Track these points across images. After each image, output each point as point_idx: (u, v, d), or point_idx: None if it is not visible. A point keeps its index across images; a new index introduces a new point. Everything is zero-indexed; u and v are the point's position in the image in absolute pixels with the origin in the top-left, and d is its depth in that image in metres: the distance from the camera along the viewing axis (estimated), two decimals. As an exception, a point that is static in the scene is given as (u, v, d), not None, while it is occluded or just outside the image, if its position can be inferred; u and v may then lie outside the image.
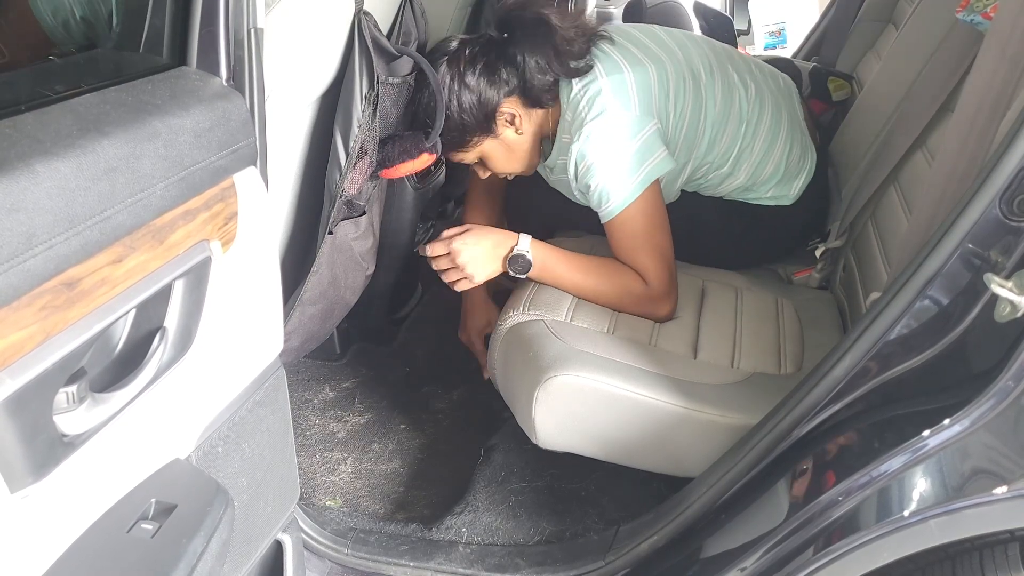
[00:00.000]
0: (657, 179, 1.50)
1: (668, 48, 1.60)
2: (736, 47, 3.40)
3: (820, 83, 2.08)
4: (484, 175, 1.69)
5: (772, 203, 1.71)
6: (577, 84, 1.51)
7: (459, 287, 1.56)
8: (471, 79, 1.51)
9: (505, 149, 1.60)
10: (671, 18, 3.48)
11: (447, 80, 1.50)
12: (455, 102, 1.51)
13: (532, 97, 1.53)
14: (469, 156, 1.62)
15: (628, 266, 1.53)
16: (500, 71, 1.51)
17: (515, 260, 1.51)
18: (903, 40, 1.83)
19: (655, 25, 1.71)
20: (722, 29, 3.10)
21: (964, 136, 1.10)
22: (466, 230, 1.54)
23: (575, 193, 1.60)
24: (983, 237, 0.96)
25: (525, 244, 1.52)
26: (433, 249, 1.54)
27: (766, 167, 1.66)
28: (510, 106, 1.54)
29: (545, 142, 1.63)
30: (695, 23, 3.29)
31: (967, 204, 0.96)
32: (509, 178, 1.73)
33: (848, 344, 1.08)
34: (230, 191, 0.91)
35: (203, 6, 0.91)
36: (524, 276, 1.53)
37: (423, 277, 2.13)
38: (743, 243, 1.73)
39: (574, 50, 1.50)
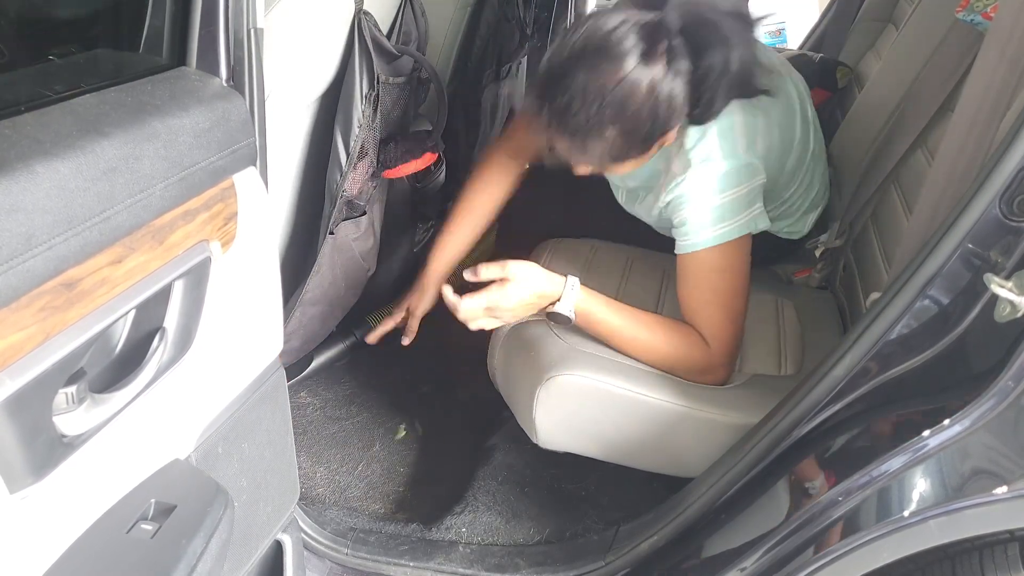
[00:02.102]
0: (748, 235, 1.34)
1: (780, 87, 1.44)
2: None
3: (830, 72, 2.09)
4: (583, 174, 1.37)
5: (784, 237, 1.67)
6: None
7: (487, 326, 1.37)
8: (667, 85, 1.19)
9: (640, 161, 1.32)
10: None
11: (640, 82, 1.17)
12: (645, 109, 1.19)
13: (704, 114, 1.26)
14: (598, 169, 1.34)
15: (690, 317, 1.36)
16: (684, 78, 1.20)
17: (554, 316, 1.35)
18: (903, 40, 1.83)
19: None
20: None
21: (964, 136, 1.10)
22: (507, 283, 1.31)
23: (658, 219, 1.46)
24: (983, 237, 0.96)
25: (568, 301, 1.33)
26: (471, 308, 1.33)
27: (794, 206, 1.60)
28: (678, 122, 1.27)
29: None
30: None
31: (967, 204, 0.96)
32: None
33: (848, 344, 1.08)
34: (230, 191, 0.91)
35: (203, 6, 0.91)
36: (564, 319, 1.36)
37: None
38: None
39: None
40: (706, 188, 1.31)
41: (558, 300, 1.34)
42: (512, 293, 1.31)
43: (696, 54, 1.19)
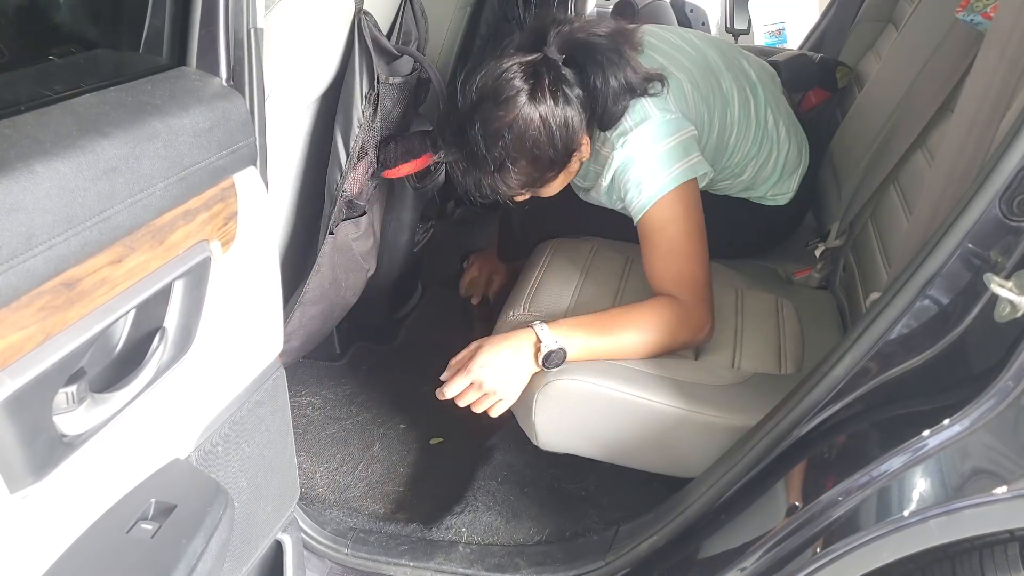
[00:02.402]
0: (694, 180, 1.42)
1: (689, 54, 1.57)
2: (709, 33, 3.42)
3: (830, 72, 2.09)
4: (523, 200, 1.51)
5: (771, 203, 1.73)
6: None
7: (497, 411, 1.38)
8: (559, 113, 1.34)
9: (565, 176, 1.46)
10: (661, 18, 3.49)
11: (532, 117, 1.32)
12: (543, 138, 1.34)
13: (606, 122, 1.41)
14: (530, 193, 1.46)
15: (657, 281, 1.42)
16: (575, 101, 1.36)
17: (548, 358, 1.34)
18: (903, 40, 1.83)
19: (671, 27, 1.71)
20: (697, 22, 3.12)
21: (964, 136, 1.10)
22: (474, 350, 1.36)
23: (612, 201, 1.52)
24: (983, 237, 0.96)
25: (548, 337, 1.34)
26: (453, 388, 1.36)
27: (767, 167, 1.68)
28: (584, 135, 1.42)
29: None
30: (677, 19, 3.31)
31: (967, 204, 0.96)
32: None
33: (848, 344, 1.08)
34: (230, 191, 0.91)
35: (203, 6, 0.91)
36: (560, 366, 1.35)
37: (423, 277, 2.13)
38: (741, 234, 1.74)
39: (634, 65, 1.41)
40: (638, 150, 1.40)
41: (539, 343, 1.34)
42: (485, 356, 1.34)
43: (580, 78, 1.36)
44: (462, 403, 1.38)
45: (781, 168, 1.70)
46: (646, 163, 1.40)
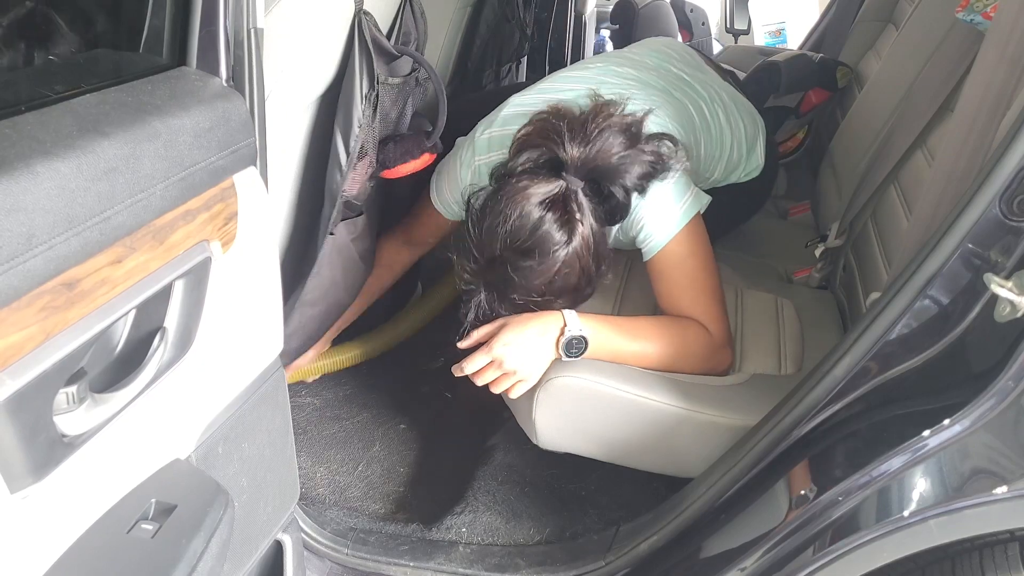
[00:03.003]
0: (699, 215, 1.40)
1: (658, 84, 1.58)
2: (710, 38, 3.44)
3: (829, 72, 2.10)
4: None
5: (747, 179, 1.76)
6: None
7: (516, 392, 1.34)
8: (595, 237, 1.29)
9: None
10: (661, 18, 3.50)
11: (574, 260, 1.27)
12: (586, 266, 1.29)
13: (612, 219, 1.36)
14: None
15: (684, 314, 1.39)
16: (601, 215, 1.32)
17: (569, 345, 1.31)
18: (903, 40, 1.83)
19: (630, 47, 1.74)
20: (697, 22, 3.13)
21: (964, 136, 1.11)
22: (501, 326, 1.32)
23: (621, 241, 1.48)
24: (983, 237, 0.96)
25: (575, 323, 1.32)
26: (473, 364, 1.32)
27: (732, 157, 1.69)
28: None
29: None
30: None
31: (967, 204, 0.96)
32: None
33: (848, 344, 1.08)
34: (230, 191, 0.91)
35: (203, 6, 0.91)
36: (580, 353, 1.33)
37: (423, 277, 2.13)
38: (728, 211, 1.74)
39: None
40: (649, 196, 1.35)
41: (564, 327, 1.31)
42: (509, 335, 1.30)
43: (600, 196, 1.30)
44: (480, 381, 1.33)
45: (745, 149, 1.72)
46: (656, 201, 1.37)
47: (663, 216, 1.37)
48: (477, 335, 1.34)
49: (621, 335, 1.35)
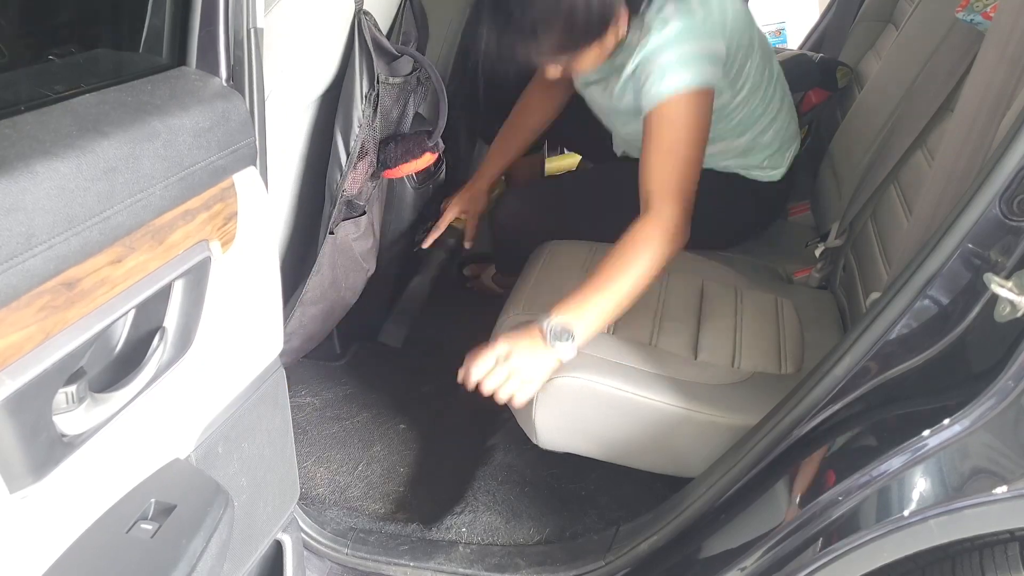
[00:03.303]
0: (711, 90, 1.44)
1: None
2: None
3: (830, 72, 2.10)
4: (555, 75, 1.55)
5: (763, 177, 1.76)
6: None
7: (523, 396, 1.32)
8: None
9: (599, 51, 1.47)
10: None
11: None
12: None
13: (636, 6, 1.45)
14: (563, 65, 1.49)
15: (646, 177, 1.42)
16: None
17: (555, 332, 1.30)
18: (903, 40, 1.83)
19: None
20: None
21: (964, 136, 1.10)
22: (493, 344, 1.33)
23: (624, 92, 1.53)
24: (983, 237, 0.96)
25: (549, 317, 1.33)
26: (480, 366, 1.31)
27: (767, 134, 1.72)
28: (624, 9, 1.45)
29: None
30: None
31: (967, 204, 0.96)
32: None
33: (848, 344, 1.08)
34: (230, 191, 0.91)
35: (203, 6, 0.91)
36: (575, 344, 1.32)
37: (423, 277, 2.13)
38: (736, 213, 1.78)
39: None
40: (666, 42, 1.42)
41: (544, 324, 1.32)
42: (507, 341, 1.31)
43: None
44: (488, 386, 1.31)
45: (780, 139, 1.74)
46: (677, 54, 1.41)
47: (678, 70, 1.41)
48: (474, 359, 1.33)
49: (597, 295, 1.34)
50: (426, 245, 1.87)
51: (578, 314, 1.32)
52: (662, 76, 1.41)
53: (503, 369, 1.30)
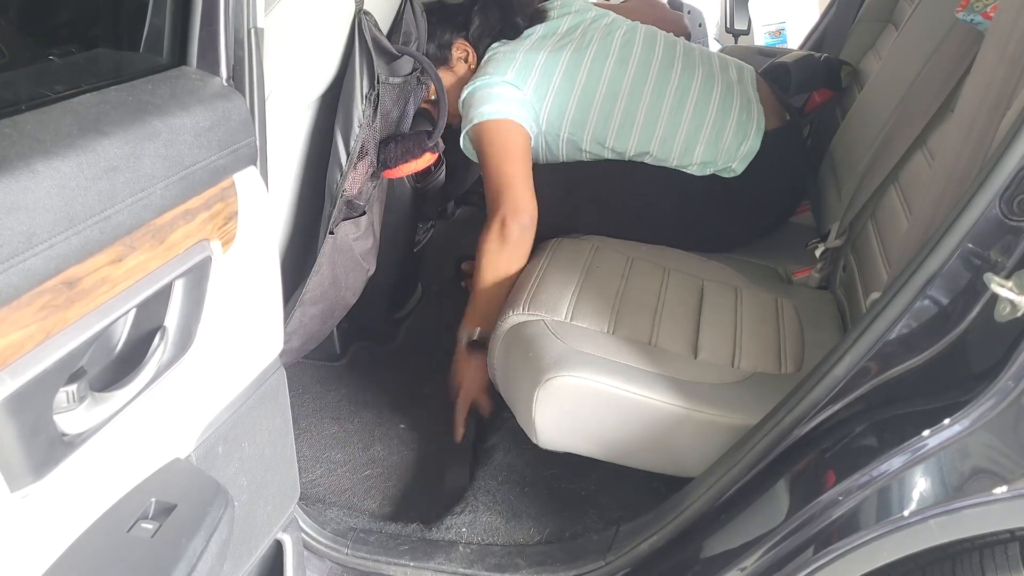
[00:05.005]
0: (507, 123, 1.71)
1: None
2: (707, 38, 3.44)
3: (834, 72, 2.10)
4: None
5: (699, 172, 1.78)
6: (503, 44, 1.81)
7: (482, 408, 1.67)
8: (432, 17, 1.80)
9: (452, 76, 1.85)
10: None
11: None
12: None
13: (474, 40, 1.83)
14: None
15: (486, 194, 1.70)
16: (459, 15, 1.83)
17: (466, 340, 1.68)
18: (903, 40, 1.83)
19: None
20: (694, 23, 3.14)
21: (964, 136, 1.11)
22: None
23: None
24: (983, 237, 0.96)
25: (464, 331, 1.70)
26: (459, 422, 1.66)
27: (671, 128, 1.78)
28: (463, 44, 1.84)
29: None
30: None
31: (967, 204, 0.96)
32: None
33: (848, 344, 1.08)
34: (230, 191, 0.91)
35: (203, 6, 0.91)
36: (480, 337, 1.66)
37: (423, 277, 2.13)
38: (703, 221, 1.81)
39: (525, 12, 1.84)
40: (474, 82, 1.74)
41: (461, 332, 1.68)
42: (454, 377, 1.70)
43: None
44: (460, 424, 1.66)
45: (727, 141, 1.77)
46: (486, 93, 1.72)
47: (472, 106, 1.72)
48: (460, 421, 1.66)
49: (475, 300, 1.69)
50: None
51: (471, 320, 1.69)
52: (472, 107, 1.72)
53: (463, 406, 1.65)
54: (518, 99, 1.74)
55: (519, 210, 1.66)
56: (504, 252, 1.66)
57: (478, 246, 1.68)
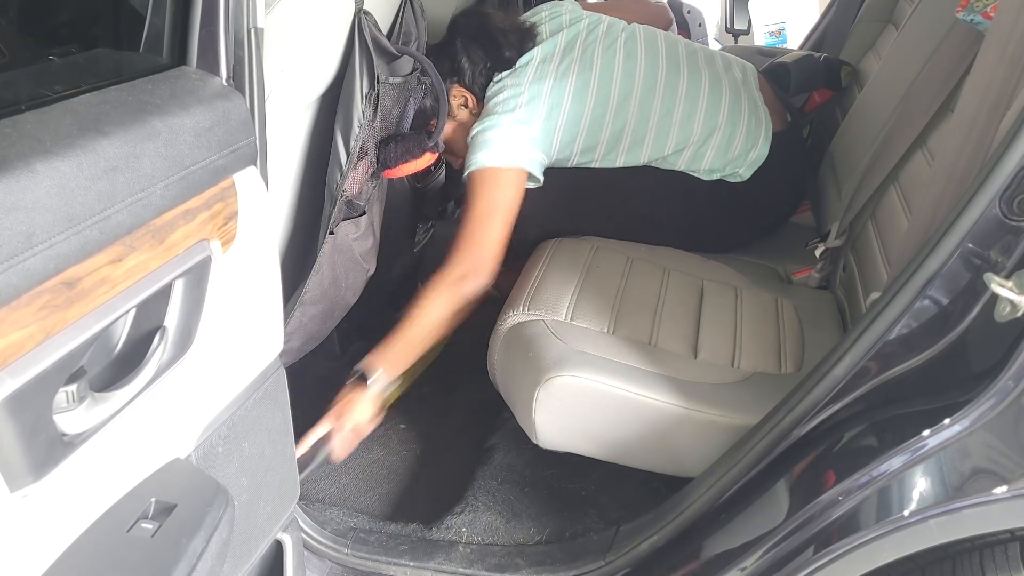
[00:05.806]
0: (513, 172, 1.65)
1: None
2: (707, 38, 3.44)
3: (834, 71, 2.10)
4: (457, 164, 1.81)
5: (707, 177, 1.77)
6: (504, 78, 1.74)
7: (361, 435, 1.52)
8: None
9: (456, 125, 1.79)
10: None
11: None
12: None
13: (468, 83, 1.75)
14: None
15: (457, 232, 1.62)
16: (446, 62, 1.73)
17: (360, 376, 1.51)
18: (903, 40, 1.83)
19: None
20: (694, 23, 3.14)
21: (964, 136, 1.11)
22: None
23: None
24: (983, 237, 0.96)
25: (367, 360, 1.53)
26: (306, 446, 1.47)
27: (678, 135, 1.75)
28: (459, 91, 1.76)
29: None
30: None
31: (967, 204, 0.96)
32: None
33: (848, 344, 1.08)
34: (230, 191, 0.91)
35: (203, 6, 0.91)
36: (376, 381, 1.51)
37: (423, 277, 2.13)
38: (707, 223, 1.80)
39: (509, 41, 1.75)
40: (480, 124, 1.68)
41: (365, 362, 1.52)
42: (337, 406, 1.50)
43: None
44: (340, 455, 1.49)
45: (735, 147, 1.75)
46: (477, 137, 1.66)
47: (474, 150, 1.66)
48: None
49: (399, 338, 1.54)
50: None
51: (383, 358, 1.52)
52: (474, 153, 1.65)
53: (344, 433, 1.47)
54: (524, 137, 1.68)
55: (483, 272, 1.59)
56: (451, 305, 1.56)
57: (426, 285, 1.59)
